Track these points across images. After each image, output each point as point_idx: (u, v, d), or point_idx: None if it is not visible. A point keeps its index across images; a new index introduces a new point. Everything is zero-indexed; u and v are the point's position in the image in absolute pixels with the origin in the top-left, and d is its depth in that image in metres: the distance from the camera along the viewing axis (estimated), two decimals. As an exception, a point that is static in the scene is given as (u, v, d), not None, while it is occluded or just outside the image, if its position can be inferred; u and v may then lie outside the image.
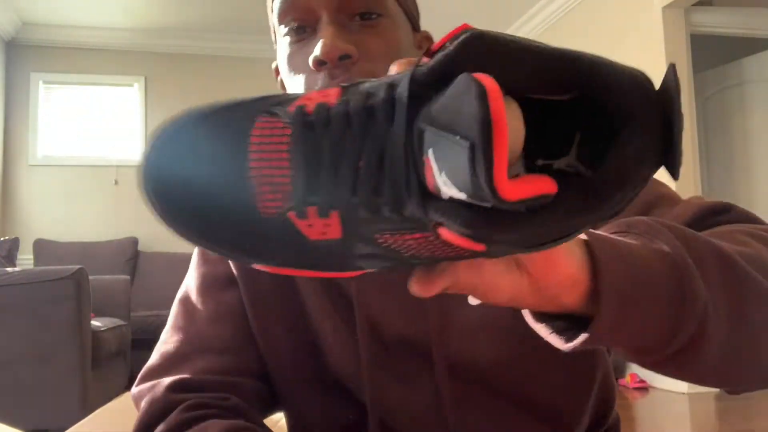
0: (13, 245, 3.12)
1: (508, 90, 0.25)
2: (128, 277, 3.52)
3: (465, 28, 0.25)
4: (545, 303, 0.34)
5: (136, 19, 4.49)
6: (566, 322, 0.36)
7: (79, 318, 2.37)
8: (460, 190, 0.23)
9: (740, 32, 3.78)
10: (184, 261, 1.77)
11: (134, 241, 4.39)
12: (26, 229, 4.41)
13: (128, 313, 3.33)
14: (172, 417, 0.54)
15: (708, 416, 2.81)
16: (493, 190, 0.22)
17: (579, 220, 0.26)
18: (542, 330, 0.36)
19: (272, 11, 0.58)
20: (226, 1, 4.25)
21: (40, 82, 4.62)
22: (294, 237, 0.29)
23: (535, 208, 0.24)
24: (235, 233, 0.30)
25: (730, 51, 4.27)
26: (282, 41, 0.57)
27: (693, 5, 3.40)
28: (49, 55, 4.64)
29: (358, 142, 0.26)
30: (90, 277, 2.48)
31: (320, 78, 0.53)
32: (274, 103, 0.30)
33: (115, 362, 3.04)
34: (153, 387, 0.58)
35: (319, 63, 0.52)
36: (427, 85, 0.25)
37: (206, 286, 0.63)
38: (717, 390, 3.41)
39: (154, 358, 0.62)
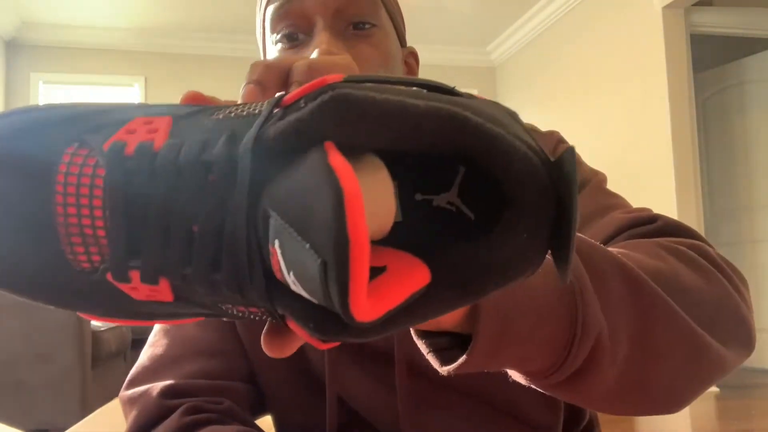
0: (13, 245, 3.12)
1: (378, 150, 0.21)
2: (128, 277, 3.51)
3: (325, 84, 0.20)
4: (425, 324, 0.30)
5: (136, 19, 4.49)
6: (450, 340, 0.33)
7: (78, 318, 2.37)
8: (311, 297, 0.19)
9: (740, 32, 3.78)
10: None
11: (134, 241, 4.39)
12: (26, 229, 4.41)
13: (128, 313, 3.33)
14: (173, 421, 0.54)
15: (708, 416, 2.81)
16: (348, 315, 0.18)
17: (448, 309, 0.23)
18: (422, 347, 0.33)
19: (263, 20, 0.58)
20: (227, 2, 4.25)
21: (40, 82, 4.62)
22: (116, 294, 0.23)
23: (398, 310, 0.21)
24: (47, 286, 0.24)
25: (730, 51, 4.27)
26: (273, 49, 0.57)
27: (693, 5, 3.40)
28: (49, 55, 4.64)
29: (192, 204, 0.21)
30: (90, 277, 2.47)
31: None
32: (90, 129, 0.24)
33: (115, 362, 3.03)
34: (145, 392, 0.58)
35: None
36: (277, 150, 0.21)
37: None
38: (717, 390, 3.41)
39: (143, 360, 0.61)
